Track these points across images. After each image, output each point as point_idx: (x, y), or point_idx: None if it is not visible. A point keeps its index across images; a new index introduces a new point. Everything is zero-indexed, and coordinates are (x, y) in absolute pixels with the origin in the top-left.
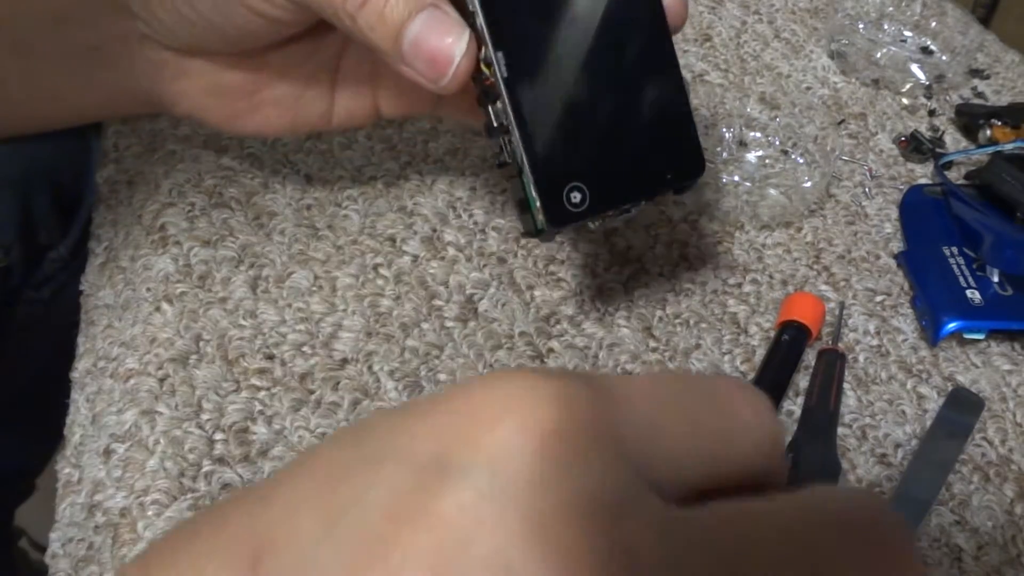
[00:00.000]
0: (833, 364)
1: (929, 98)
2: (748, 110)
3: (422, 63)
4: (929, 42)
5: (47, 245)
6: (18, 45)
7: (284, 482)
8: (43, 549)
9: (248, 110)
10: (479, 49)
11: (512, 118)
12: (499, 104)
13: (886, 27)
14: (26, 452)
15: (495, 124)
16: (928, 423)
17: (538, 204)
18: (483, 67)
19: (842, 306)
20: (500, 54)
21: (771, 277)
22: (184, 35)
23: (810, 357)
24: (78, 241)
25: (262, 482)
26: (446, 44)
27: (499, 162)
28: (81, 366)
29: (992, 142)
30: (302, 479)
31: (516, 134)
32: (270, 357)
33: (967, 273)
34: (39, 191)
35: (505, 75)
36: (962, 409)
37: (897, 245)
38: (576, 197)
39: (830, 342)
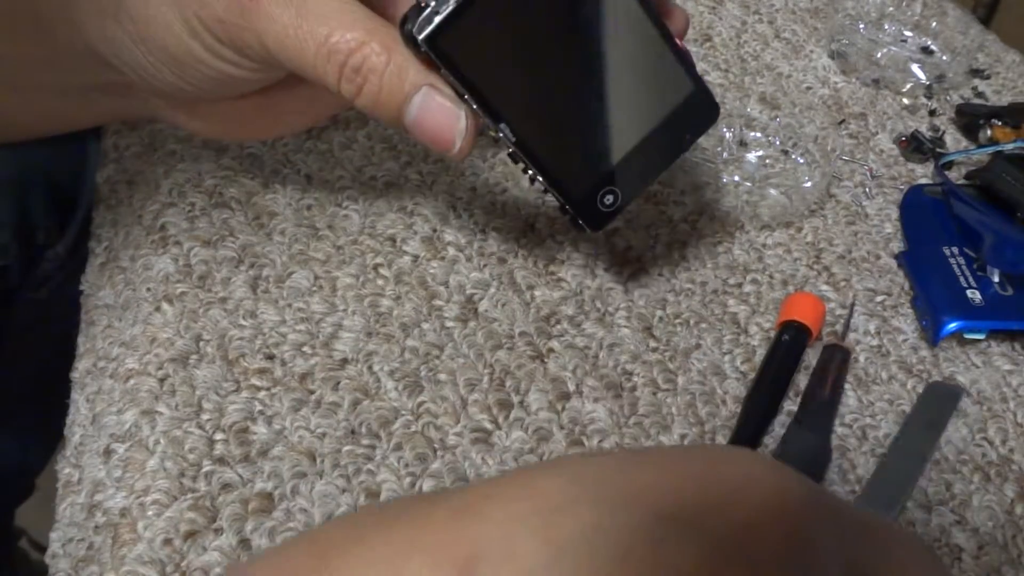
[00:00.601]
0: (832, 356)
1: (929, 98)
2: (748, 110)
3: (427, 140)
4: (929, 42)
5: (45, 245)
6: (13, 81)
7: (495, 497)
8: (43, 549)
9: (270, 123)
10: (480, 120)
11: (530, 163)
12: (513, 151)
13: (886, 27)
14: (26, 452)
15: (512, 158)
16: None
17: (580, 219)
18: (489, 133)
19: (853, 305)
20: (503, 125)
21: (771, 277)
22: (172, 91)
23: (811, 357)
24: (76, 241)
25: (458, 492)
26: (445, 127)
27: (530, 179)
28: (81, 366)
29: (993, 142)
30: (516, 499)
31: (538, 176)
32: (270, 357)
33: (967, 273)
34: (36, 191)
35: (513, 139)
36: (939, 401)
37: (897, 245)
38: (609, 200)
39: (836, 339)
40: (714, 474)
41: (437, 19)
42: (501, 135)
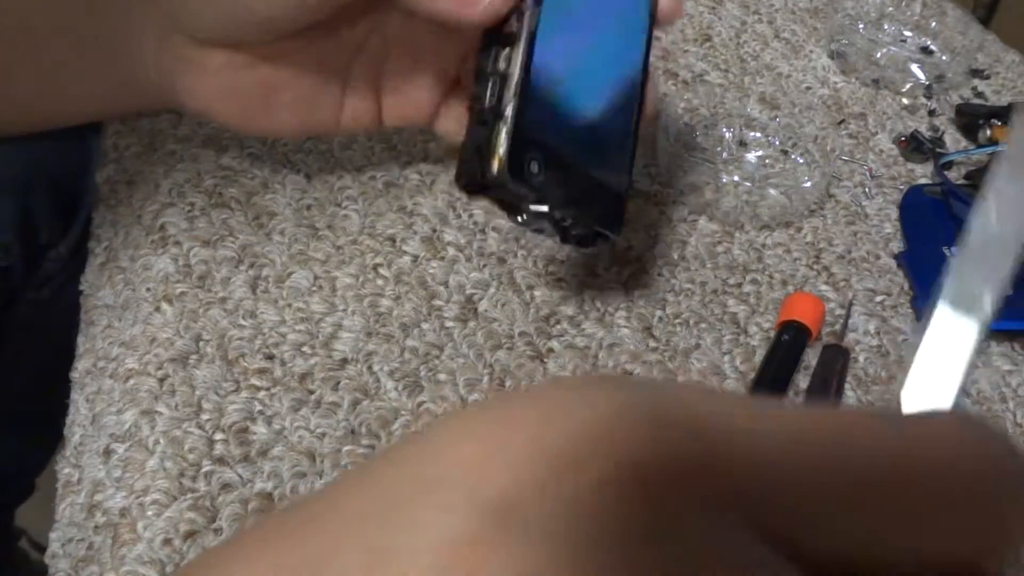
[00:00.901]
0: (835, 359)
1: (929, 98)
2: (748, 110)
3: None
4: (929, 42)
5: (47, 245)
6: (26, 29)
7: (335, 504)
8: (43, 549)
9: (261, 111)
10: None
11: (521, 61)
12: (508, 51)
13: (886, 27)
14: (25, 452)
15: (493, 68)
16: None
17: (502, 150)
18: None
19: (850, 304)
20: (537, 8)
21: (771, 277)
22: (210, 19)
23: (810, 357)
24: (78, 241)
25: (313, 497)
26: None
27: (474, 105)
28: (81, 366)
29: (992, 142)
30: (353, 503)
31: (516, 76)
32: (270, 357)
33: None
34: (39, 191)
35: (533, 26)
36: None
37: (897, 245)
38: (535, 167)
39: (835, 339)
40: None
41: None
42: (524, 9)
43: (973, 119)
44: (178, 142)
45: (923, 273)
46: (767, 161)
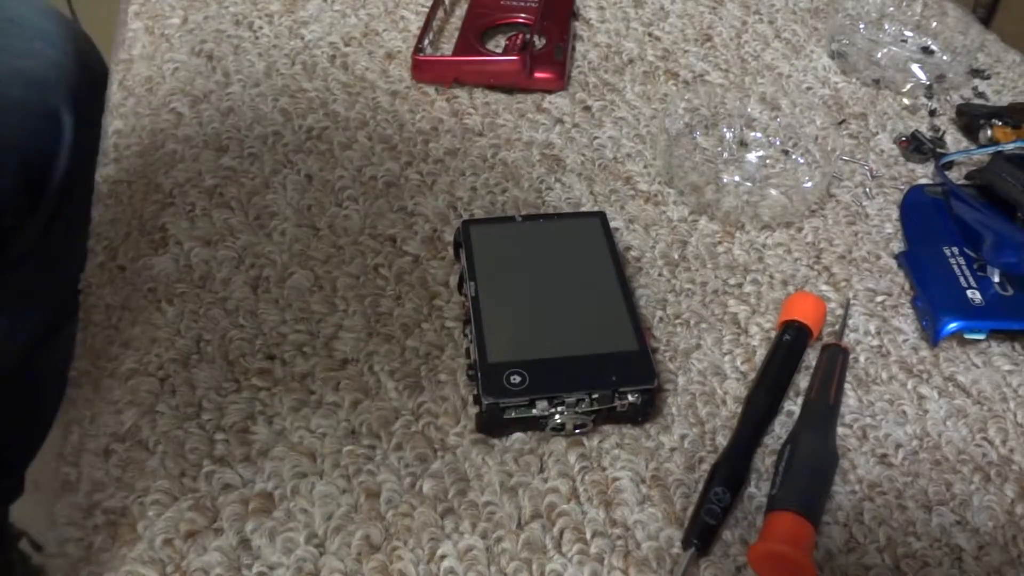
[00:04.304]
0: (835, 359)
1: (930, 98)
2: (749, 110)
3: None
4: (930, 42)
5: (16, 224)
6: None
7: None
8: (42, 549)
9: None
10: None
11: (472, 316)
12: (471, 325)
13: (887, 27)
14: (10, 449)
15: (467, 338)
16: (928, 424)
17: (481, 387)
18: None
19: (849, 305)
20: (472, 283)
21: (772, 277)
22: None
23: (811, 357)
24: (48, 220)
25: None
26: None
27: (468, 366)
28: (81, 366)
29: (993, 142)
30: None
31: (473, 328)
32: (270, 357)
33: (968, 273)
34: (7, 170)
35: (473, 295)
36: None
37: (898, 245)
38: (515, 379)
39: (834, 339)
40: None
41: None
42: (467, 289)
43: (974, 119)
44: (178, 142)
45: (923, 273)
46: (768, 161)
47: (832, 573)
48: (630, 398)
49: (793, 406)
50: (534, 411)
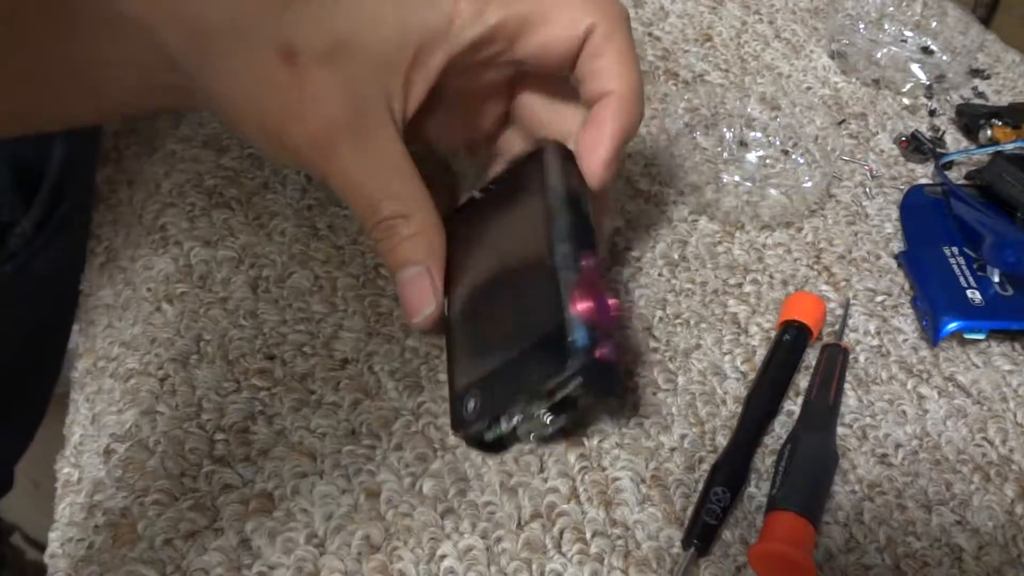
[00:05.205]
0: (835, 358)
1: (930, 98)
2: (749, 110)
3: (403, 301)
4: (930, 42)
5: (9, 222)
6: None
7: None
8: (39, 545)
9: None
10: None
11: (446, 342)
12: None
13: (887, 27)
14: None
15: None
16: (928, 423)
17: (451, 413)
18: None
19: (848, 303)
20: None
21: (772, 277)
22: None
23: (811, 357)
24: (42, 216)
25: None
26: (418, 303)
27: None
28: (81, 366)
29: (993, 142)
30: None
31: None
32: (271, 357)
33: (967, 273)
34: (0, 165)
35: (446, 315)
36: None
37: (897, 245)
38: (471, 405)
39: (834, 339)
40: None
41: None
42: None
43: (974, 119)
44: (178, 142)
45: (923, 273)
46: (768, 161)
47: (832, 573)
48: (564, 392)
49: (793, 406)
50: (501, 430)
